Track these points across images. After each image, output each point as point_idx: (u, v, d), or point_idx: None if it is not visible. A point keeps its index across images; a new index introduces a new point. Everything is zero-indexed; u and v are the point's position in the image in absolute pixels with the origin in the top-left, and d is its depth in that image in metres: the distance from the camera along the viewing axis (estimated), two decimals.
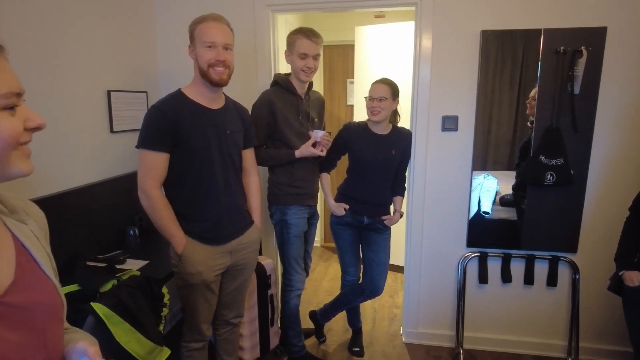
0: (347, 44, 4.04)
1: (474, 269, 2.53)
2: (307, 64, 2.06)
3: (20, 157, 0.62)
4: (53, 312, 0.70)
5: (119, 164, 2.31)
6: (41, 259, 0.71)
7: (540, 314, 2.51)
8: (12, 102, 0.60)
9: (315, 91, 2.35)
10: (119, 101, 2.28)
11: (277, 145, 2.16)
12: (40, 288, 0.69)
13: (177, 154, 1.63)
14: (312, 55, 2.06)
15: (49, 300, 0.70)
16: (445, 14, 2.29)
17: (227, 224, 1.75)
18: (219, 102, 1.75)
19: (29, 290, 0.66)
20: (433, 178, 2.48)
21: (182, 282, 1.72)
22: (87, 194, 2.05)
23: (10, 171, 0.61)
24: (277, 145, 2.16)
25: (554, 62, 2.19)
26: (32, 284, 0.68)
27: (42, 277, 0.70)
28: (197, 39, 1.64)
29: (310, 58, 2.06)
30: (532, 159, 2.28)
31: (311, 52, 2.05)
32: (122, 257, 2.02)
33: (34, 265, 0.70)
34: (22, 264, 0.68)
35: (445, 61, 2.34)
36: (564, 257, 2.41)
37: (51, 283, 0.71)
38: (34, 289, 0.68)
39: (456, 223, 2.50)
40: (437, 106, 2.39)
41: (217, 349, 2.02)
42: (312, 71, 2.10)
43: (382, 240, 2.36)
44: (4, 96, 0.58)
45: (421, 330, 2.67)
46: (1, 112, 0.58)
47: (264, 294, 2.33)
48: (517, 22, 2.22)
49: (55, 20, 1.85)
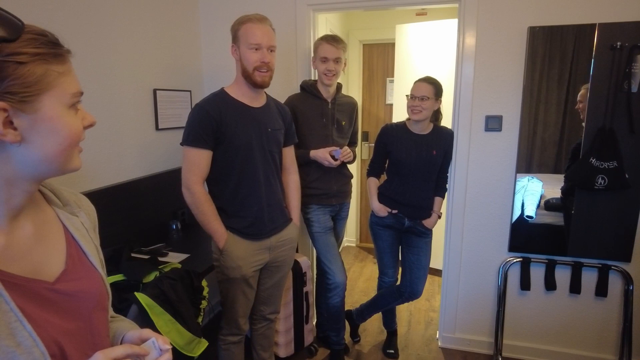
0: (387, 43, 4.00)
1: (515, 274, 2.43)
2: (328, 67, 2.13)
3: (77, 154, 0.67)
4: (99, 301, 0.74)
5: (164, 161, 2.40)
6: (89, 251, 0.75)
7: (588, 325, 2.38)
8: (76, 100, 0.64)
9: (346, 95, 2.38)
10: (164, 99, 2.37)
11: (298, 145, 2.19)
12: (88, 278, 0.73)
13: (220, 152, 1.68)
14: (333, 59, 2.12)
15: (95, 290, 0.73)
16: (490, 10, 2.22)
17: (267, 220, 1.78)
18: (260, 100, 1.79)
19: (77, 280, 0.70)
20: (475, 180, 2.40)
21: (223, 276, 1.76)
22: (134, 188, 2.14)
23: (68, 166, 0.66)
24: (298, 146, 2.19)
25: (609, 58, 2.06)
26: (80, 274, 0.72)
27: (90, 267, 0.74)
28: (242, 39, 1.67)
29: (330, 61, 2.12)
30: (581, 161, 2.16)
31: (331, 56, 2.11)
32: (165, 250, 2.09)
33: (82, 256, 0.74)
34: (72, 254, 0.72)
35: (490, 59, 2.27)
36: (615, 266, 2.27)
37: (98, 274, 0.75)
38: (82, 279, 0.71)
39: (498, 227, 2.41)
40: (481, 105, 2.32)
41: (253, 344, 2.06)
42: (334, 74, 2.15)
43: (424, 243, 2.32)
44: (74, 95, 0.63)
45: (458, 336, 2.61)
46: (69, 110, 0.63)
47: (299, 291, 2.35)
48: (567, 17, 2.11)
49: (108, 23, 1.94)
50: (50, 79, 0.59)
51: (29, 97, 0.57)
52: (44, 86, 0.59)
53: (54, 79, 0.60)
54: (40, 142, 0.60)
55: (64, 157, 0.63)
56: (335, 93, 2.27)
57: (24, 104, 0.57)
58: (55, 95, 0.60)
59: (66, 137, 0.62)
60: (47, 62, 0.59)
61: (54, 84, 0.60)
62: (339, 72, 2.18)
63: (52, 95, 0.60)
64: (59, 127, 0.61)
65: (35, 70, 0.57)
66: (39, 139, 0.60)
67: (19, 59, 0.56)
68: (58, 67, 0.60)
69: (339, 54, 2.13)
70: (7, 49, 0.55)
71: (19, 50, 0.56)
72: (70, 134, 0.63)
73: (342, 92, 2.33)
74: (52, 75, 0.59)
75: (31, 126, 0.59)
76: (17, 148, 0.59)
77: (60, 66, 0.61)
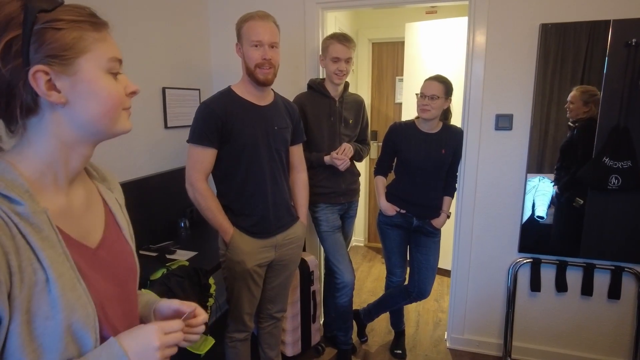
0: (397, 41, 3.97)
1: (525, 275, 2.40)
2: (340, 67, 2.12)
3: (124, 117, 0.72)
4: (130, 271, 0.80)
5: (172, 158, 2.41)
6: (122, 224, 0.82)
7: (600, 328, 2.33)
8: (116, 67, 0.69)
9: (352, 93, 2.37)
10: (173, 98, 2.38)
11: (307, 144, 2.18)
12: (122, 249, 0.79)
13: (226, 150, 1.68)
14: (344, 59, 2.12)
15: (127, 261, 0.80)
16: (500, 7, 2.19)
17: (273, 218, 1.77)
18: (267, 98, 1.78)
19: (114, 250, 0.77)
20: (485, 179, 2.37)
21: (228, 271, 1.77)
22: (143, 186, 2.16)
23: (115, 128, 0.71)
24: (308, 146, 2.19)
25: (624, 56, 2.02)
26: (115, 244, 0.78)
27: (123, 240, 0.81)
28: (244, 37, 1.67)
29: (342, 62, 2.12)
30: (594, 160, 2.12)
31: (343, 56, 2.10)
32: (173, 248, 2.10)
33: (117, 229, 0.80)
34: (109, 225, 0.78)
35: (500, 57, 2.23)
36: (629, 268, 2.22)
37: (129, 247, 0.82)
38: (117, 249, 0.78)
39: (508, 227, 2.38)
40: (491, 104, 2.29)
41: (260, 342, 2.06)
42: (344, 74, 2.15)
43: (432, 243, 2.30)
44: (109, 60, 0.68)
45: (467, 337, 2.58)
46: (107, 75, 0.68)
47: (307, 290, 2.35)
48: (581, 13, 2.07)
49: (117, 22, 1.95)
50: (87, 43, 0.65)
51: (67, 59, 0.63)
52: (80, 49, 0.64)
53: (90, 43, 0.65)
54: (82, 103, 0.66)
55: (108, 118, 0.69)
56: (343, 91, 2.27)
57: (63, 66, 0.63)
58: (92, 58, 0.65)
59: (107, 99, 0.67)
60: (82, 29, 0.64)
61: (90, 48, 0.65)
62: (349, 71, 2.17)
63: (89, 58, 0.65)
64: (98, 89, 0.66)
65: (72, 34, 0.63)
66: (81, 100, 0.65)
67: (56, 25, 0.62)
68: (93, 34, 0.66)
69: (351, 54, 2.13)
70: (45, 17, 0.61)
71: (56, 17, 0.62)
72: (110, 96, 0.67)
73: (349, 90, 2.33)
74: (88, 40, 0.65)
75: (72, 88, 0.64)
76: (63, 110, 0.65)
77: (96, 33, 0.66)
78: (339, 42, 2.11)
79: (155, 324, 0.69)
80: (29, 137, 0.66)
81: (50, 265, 0.60)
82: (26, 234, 0.59)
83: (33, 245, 0.60)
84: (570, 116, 2.15)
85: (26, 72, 0.61)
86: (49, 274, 0.60)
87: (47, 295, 0.60)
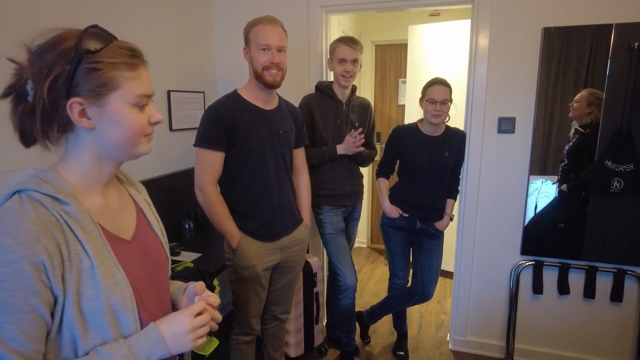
0: (400, 43, 3.98)
1: (527, 278, 2.41)
2: (346, 69, 2.14)
3: (144, 141, 0.82)
4: (160, 262, 0.91)
5: (177, 161, 2.43)
6: (152, 220, 0.93)
7: (603, 331, 2.34)
8: (143, 101, 0.78)
9: (359, 97, 2.38)
10: (178, 101, 2.40)
11: (317, 146, 2.21)
12: (152, 242, 0.91)
13: (232, 153, 1.69)
14: (350, 60, 2.13)
15: (157, 252, 0.91)
16: (503, 11, 2.20)
17: (279, 221, 1.79)
18: (272, 102, 1.80)
19: (145, 242, 0.88)
20: (487, 182, 2.38)
21: (236, 275, 1.78)
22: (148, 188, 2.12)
23: (135, 151, 0.81)
24: (316, 146, 2.22)
25: (626, 59, 2.03)
26: (146, 238, 0.90)
27: (153, 234, 0.92)
28: (252, 41, 1.68)
29: (348, 63, 2.13)
30: (596, 164, 2.13)
31: (349, 57, 2.12)
32: (177, 249, 2.12)
33: (147, 225, 0.92)
34: (141, 221, 0.90)
35: (503, 60, 2.24)
36: (631, 271, 2.23)
37: (159, 240, 0.93)
38: (148, 242, 0.89)
39: (510, 229, 2.39)
40: (494, 107, 2.30)
41: (264, 343, 2.07)
42: (351, 76, 2.16)
43: (436, 245, 2.31)
44: (137, 96, 0.77)
45: (469, 339, 2.59)
46: (132, 107, 0.77)
47: (310, 292, 2.36)
48: (583, 17, 2.08)
49: (122, 25, 1.98)
50: (119, 82, 0.74)
51: (99, 95, 0.73)
52: (112, 87, 0.74)
53: (121, 82, 0.75)
54: (107, 130, 0.76)
55: (129, 144, 0.79)
56: (350, 95, 2.28)
57: (95, 99, 0.73)
58: (121, 95, 0.75)
59: (128, 129, 0.77)
60: (118, 69, 0.74)
61: (122, 86, 0.75)
62: (356, 73, 2.18)
63: (119, 94, 0.75)
64: (121, 120, 0.76)
65: (108, 74, 0.73)
66: (106, 127, 0.76)
67: (97, 66, 0.72)
68: (127, 74, 0.75)
69: (357, 55, 2.15)
70: (90, 57, 0.71)
71: (97, 59, 0.72)
72: (132, 126, 0.77)
73: (356, 94, 2.34)
74: (120, 79, 0.74)
75: (100, 116, 0.75)
76: (92, 133, 0.76)
77: (130, 72, 0.76)
78: (345, 43, 2.14)
79: (185, 309, 0.81)
80: (69, 150, 0.78)
81: (93, 254, 0.72)
82: (74, 228, 0.71)
83: (79, 238, 0.71)
84: (573, 116, 2.16)
85: (65, 101, 0.72)
86: (93, 262, 0.72)
87: (91, 280, 0.71)
